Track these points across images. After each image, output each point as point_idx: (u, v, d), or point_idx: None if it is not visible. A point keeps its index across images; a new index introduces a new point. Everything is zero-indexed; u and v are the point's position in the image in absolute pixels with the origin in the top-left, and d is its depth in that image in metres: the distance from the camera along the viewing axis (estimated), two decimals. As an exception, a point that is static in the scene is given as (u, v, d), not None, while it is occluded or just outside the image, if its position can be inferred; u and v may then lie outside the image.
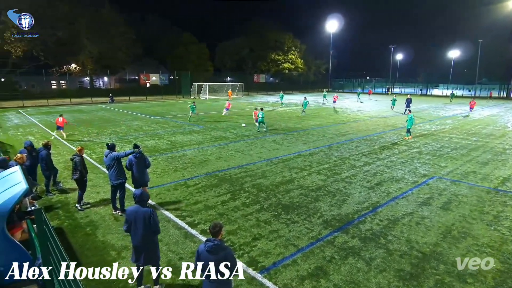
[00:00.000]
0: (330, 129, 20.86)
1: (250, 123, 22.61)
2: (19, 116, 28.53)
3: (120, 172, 8.03)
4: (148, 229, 5.14)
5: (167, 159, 13.41)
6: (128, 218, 5.21)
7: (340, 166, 12.23)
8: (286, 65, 74.80)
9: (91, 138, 18.02)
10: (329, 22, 71.75)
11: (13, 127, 22.32)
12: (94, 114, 29.62)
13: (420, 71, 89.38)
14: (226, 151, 14.71)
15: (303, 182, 10.40)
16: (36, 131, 20.65)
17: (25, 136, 18.76)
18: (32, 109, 35.05)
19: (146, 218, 5.12)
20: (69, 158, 13.59)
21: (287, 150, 14.88)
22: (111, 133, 19.46)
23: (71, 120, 25.27)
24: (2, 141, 16.92)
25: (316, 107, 35.62)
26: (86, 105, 39.44)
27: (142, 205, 5.23)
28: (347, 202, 8.85)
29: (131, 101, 44.76)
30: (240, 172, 11.45)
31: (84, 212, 8.30)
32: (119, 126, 22.16)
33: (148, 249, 5.19)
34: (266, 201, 8.87)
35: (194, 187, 10.03)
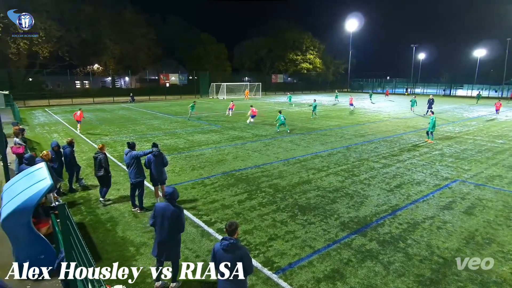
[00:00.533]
0: (349, 130, 20.56)
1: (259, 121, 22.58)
2: (45, 115, 29.66)
3: (139, 170, 8.20)
4: (174, 227, 5.23)
5: (185, 157, 13.59)
6: (156, 213, 5.30)
7: (359, 168, 12.03)
8: (305, 65, 74.30)
9: (112, 136, 18.50)
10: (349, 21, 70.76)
11: (39, 125, 23.22)
12: (115, 113, 30.40)
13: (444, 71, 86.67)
14: (243, 150, 14.76)
15: (320, 183, 10.30)
16: (61, 129, 21.40)
17: (50, 134, 19.48)
18: (57, 107, 36.37)
19: (174, 216, 5.20)
20: (91, 155, 14.02)
21: (304, 150, 14.77)
22: (131, 132, 19.92)
23: (93, 118, 26.04)
24: (30, 138, 17.63)
25: (333, 108, 35.18)
26: (108, 104, 40.53)
27: (172, 203, 5.31)
28: (365, 204, 8.69)
29: (151, 101, 45.66)
30: (256, 172, 11.45)
31: (105, 208, 8.53)
32: (139, 125, 22.65)
33: (170, 246, 5.30)
34: (282, 202, 8.84)
35: (211, 186, 10.12)
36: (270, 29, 75.30)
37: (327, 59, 78.57)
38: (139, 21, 54.26)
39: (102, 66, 52.85)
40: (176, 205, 5.33)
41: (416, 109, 31.59)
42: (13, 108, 27.43)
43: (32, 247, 5.67)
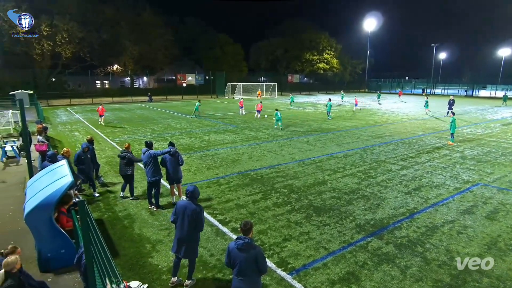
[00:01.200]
0: (366, 131, 20.25)
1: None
2: (67, 114, 30.60)
3: (156, 169, 8.34)
4: (193, 225, 5.31)
5: (201, 157, 13.72)
6: (177, 210, 5.41)
7: (376, 169, 11.83)
8: (321, 65, 73.59)
9: (130, 135, 18.89)
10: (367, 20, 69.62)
11: (61, 123, 23.97)
12: (133, 113, 31.04)
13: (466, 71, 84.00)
14: (258, 150, 14.78)
15: (336, 185, 10.19)
16: (81, 127, 22.02)
17: (71, 132, 20.08)
18: (78, 107, 37.46)
19: (193, 214, 5.29)
20: (110, 154, 14.35)
21: (320, 151, 14.65)
22: (149, 131, 20.28)
23: (112, 118, 26.68)
24: (52, 136, 18.22)
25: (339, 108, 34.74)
26: (126, 104, 41.42)
27: (192, 201, 5.40)
28: (382, 207, 8.54)
29: (168, 100, 46.35)
30: (271, 172, 11.44)
31: (123, 206, 8.72)
32: (156, 124, 23.03)
33: (189, 244, 5.38)
34: (297, 202, 8.80)
35: (226, 185, 10.18)
36: (287, 29, 75.03)
37: (344, 59, 77.56)
38: (157, 23, 55.19)
39: (121, 67, 54.03)
40: (197, 204, 5.41)
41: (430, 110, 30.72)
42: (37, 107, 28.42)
43: (54, 241, 5.87)
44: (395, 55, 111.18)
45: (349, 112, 30.99)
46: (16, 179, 11.09)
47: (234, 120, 25.14)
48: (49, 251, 5.87)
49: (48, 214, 5.74)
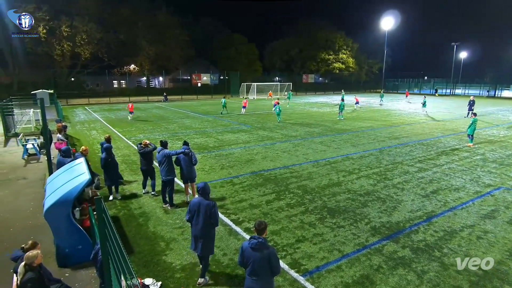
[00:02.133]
0: (382, 132, 19.92)
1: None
2: (85, 113, 31.39)
3: (170, 169, 8.45)
4: (208, 221, 5.41)
5: (215, 156, 13.82)
6: (191, 208, 5.50)
7: (392, 171, 11.63)
8: (337, 65, 72.87)
9: (146, 134, 19.20)
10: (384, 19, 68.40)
11: (79, 122, 24.61)
12: (149, 112, 31.55)
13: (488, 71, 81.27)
14: (272, 151, 14.77)
15: (351, 186, 10.08)
16: (99, 126, 22.54)
17: (89, 131, 20.58)
18: (96, 106, 38.36)
19: (207, 210, 5.39)
20: (126, 152, 14.64)
21: (334, 152, 14.52)
22: (164, 130, 20.56)
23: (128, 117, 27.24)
24: (71, 135, 18.73)
25: (368, 108, 34.23)
26: (142, 103, 42.14)
27: (205, 197, 5.50)
28: (398, 210, 8.38)
29: (183, 100, 46.89)
30: (285, 173, 11.42)
31: (138, 204, 8.87)
32: (171, 124, 23.34)
33: (205, 240, 5.47)
34: (311, 203, 8.75)
35: (240, 185, 10.21)
36: (302, 29, 74.62)
37: (361, 59, 76.52)
38: (173, 23, 55.98)
39: (138, 67, 55.09)
40: (209, 199, 5.51)
41: (426, 109, 30.80)
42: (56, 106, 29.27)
43: (71, 237, 6.03)
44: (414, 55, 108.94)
45: (365, 112, 30.58)
46: (37, 175, 11.45)
47: (248, 120, 25.20)
48: (67, 247, 6.04)
49: (67, 210, 5.89)
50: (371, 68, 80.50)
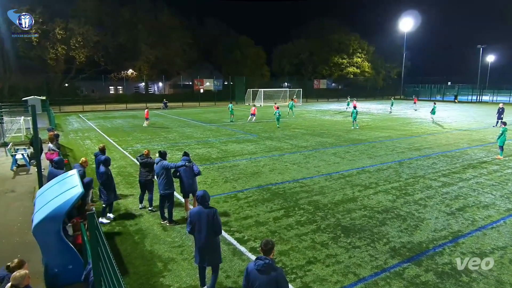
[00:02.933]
0: (401, 142, 19.79)
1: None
2: (79, 121, 31.82)
3: (168, 182, 8.45)
4: (211, 230, 5.56)
5: (218, 168, 13.82)
6: (192, 219, 5.66)
7: (413, 186, 11.50)
8: (351, 69, 73.13)
9: (143, 144, 19.34)
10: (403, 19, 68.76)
11: (73, 131, 24.93)
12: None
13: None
14: (280, 162, 14.74)
15: (368, 202, 9.98)
16: (93, 135, 22.79)
17: (83, 141, 20.81)
18: (90, 113, 38.89)
19: (209, 217, 5.54)
20: (122, 163, 14.74)
21: (349, 164, 14.44)
22: (163, 140, 20.70)
23: (125, 125, 27.50)
24: (63, 144, 18.96)
25: (386, 117, 34.11)
26: (140, 111, 42.55)
27: (204, 205, 5.66)
28: (421, 229, 8.25)
29: (184, 107, 47.31)
30: (295, 187, 11.36)
31: (134, 220, 8.88)
32: (171, 133, 23.50)
33: (211, 250, 5.59)
34: (323, 221, 8.66)
35: (245, 200, 10.18)
36: (313, 30, 75.32)
37: (377, 63, 76.69)
38: (175, 25, 56.99)
39: (136, 71, 55.93)
40: (209, 207, 5.66)
41: (434, 117, 30.86)
42: (49, 114, 29.75)
43: (61, 256, 6.03)
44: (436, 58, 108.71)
45: (383, 121, 30.46)
46: (26, 188, 11.57)
47: (254, 129, 25.27)
48: (56, 266, 6.04)
49: (57, 226, 5.92)
50: (389, 73, 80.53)
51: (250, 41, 70.23)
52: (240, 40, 69.10)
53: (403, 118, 32.72)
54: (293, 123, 28.54)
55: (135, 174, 12.92)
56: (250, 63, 68.50)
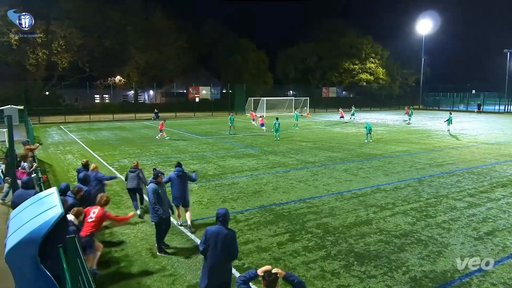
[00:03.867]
0: (421, 157, 19.77)
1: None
2: (60, 133, 31.98)
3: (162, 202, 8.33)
4: (227, 253, 5.70)
5: (215, 187, 13.79)
6: (208, 238, 5.74)
7: (435, 207, 11.43)
8: (364, 76, 73.67)
9: (131, 159, 19.34)
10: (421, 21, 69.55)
11: (53, 144, 25.02)
12: (136, 132, 31.99)
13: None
14: (285, 180, 14.70)
15: (384, 225, 9.91)
16: (76, 149, 22.85)
17: (64, 155, 20.85)
18: (73, 125, 39.11)
19: (227, 240, 5.67)
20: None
21: (362, 182, 14.40)
22: (154, 154, 20.73)
23: (112, 138, 27.60)
24: (42, 159, 18.99)
25: (401, 128, 34.16)
26: (129, 122, 42.84)
27: (225, 225, 5.80)
28: (444, 256, 8.16)
29: (178, 118, 47.56)
30: (301, 208, 11.32)
31: (119, 244, 8.81)
32: (162, 147, 23.55)
33: (223, 275, 5.71)
34: (334, 247, 8.59)
35: (245, 222, 10.13)
36: (321, 33, 76.17)
37: (393, 69, 77.27)
38: (169, 27, 57.75)
39: (125, 78, 56.48)
40: (229, 229, 5.83)
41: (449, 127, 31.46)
42: (26, 125, 29.90)
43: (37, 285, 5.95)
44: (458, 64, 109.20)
45: (400, 133, 30.49)
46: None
47: (256, 142, 25.31)
48: (30, 298, 5.95)
49: (33, 251, 5.86)
50: (406, 80, 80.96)
51: (251, 45, 71.02)
52: (241, 44, 69.85)
53: (423, 130, 32.76)
54: (299, 136, 28.60)
55: (121, 193, 12.91)
56: (251, 69, 69.10)
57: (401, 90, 79.70)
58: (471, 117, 49.75)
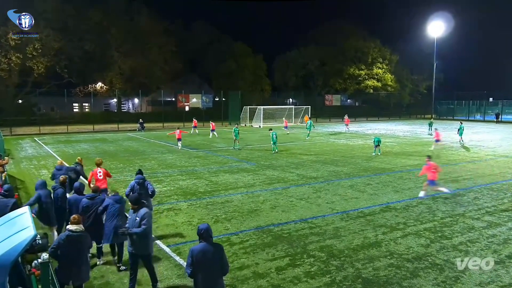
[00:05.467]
0: (435, 172, 19.80)
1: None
2: (34, 145, 31.85)
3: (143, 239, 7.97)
4: (217, 269, 5.91)
5: (206, 205, 13.73)
6: (195, 259, 5.82)
7: (451, 227, 11.43)
8: (370, 83, 74.34)
9: (113, 174, 19.26)
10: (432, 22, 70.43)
11: (26, 158, 24.92)
12: (119, 144, 31.92)
13: None
14: (284, 197, 14.68)
15: (395, 248, 9.89)
16: (51, 163, 22.72)
17: (38, 170, 20.77)
18: (49, 136, 39.00)
19: (216, 256, 5.87)
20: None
21: (370, 199, 14.40)
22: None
23: (92, 151, 27.51)
24: (13, 175, 18.88)
25: (411, 140, 34.30)
26: (111, 133, 42.76)
27: (209, 241, 5.95)
28: (462, 282, 8.13)
29: (165, 129, 47.55)
30: (303, 228, 11.29)
31: (100, 271, 8.72)
32: (148, 160, 23.50)
33: None
34: (339, 272, 8.55)
35: (240, 245, 10.07)
36: (323, 36, 76.98)
37: (402, 74, 78.04)
38: (156, 29, 58.23)
39: (107, 85, 56.58)
40: (215, 243, 6.06)
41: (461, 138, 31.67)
42: (-3, 137, 29.78)
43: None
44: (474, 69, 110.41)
45: (410, 145, 30.61)
46: (-36, 231, 11.40)
47: (251, 155, 25.31)
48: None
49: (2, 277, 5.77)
50: (417, 87, 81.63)
51: (247, 49, 71.62)
52: (235, 48, 70.45)
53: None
54: (299, 148, 28.64)
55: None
56: (247, 75, 69.56)
57: (411, 98, 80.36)
58: (489, 127, 50.09)
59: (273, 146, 26.41)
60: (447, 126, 48.49)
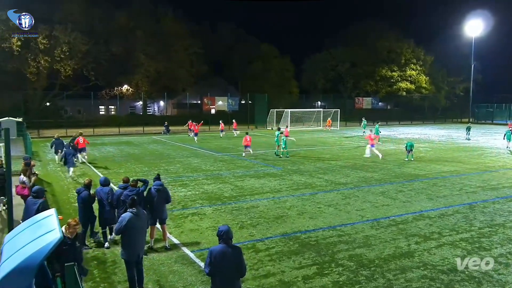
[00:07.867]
0: (472, 178, 19.32)
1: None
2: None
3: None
4: (234, 270, 6.11)
5: (231, 210, 13.80)
6: (213, 259, 6.05)
7: (489, 238, 11.12)
8: (403, 85, 73.08)
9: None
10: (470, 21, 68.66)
11: (53, 160, 25.66)
12: (144, 148, 32.48)
13: None
14: (312, 204, 14.61)
15: (428, 258, 9.69)
16: (77, 166, 23.32)
17: (65, 173, 21.33)
18: (75, 139, 40.00)
19: (234, 258, 6.08)
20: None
21: (403, 207, 14.17)
22: (163, 172, 20.91)
23: (117, 154, 28.10)
24: (40, 177, 19.45)
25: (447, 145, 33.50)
26: (136, 136, 43.58)
27: (228, 243, 6.16)
28: (502, 296, 7.88)
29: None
30: (331, 236, 11.21)
31: (123, 274, 8.86)
32: (173, 164, 23.82)
33: None
34: (369, 282, 8.45)
35: (266, 252, 10.08)
36: (353, 36, 76.31)
37: (437, 76, 76.41)
38: (182, 32, 59.13)
39: (133, 88, 57.76)
40: (234, 246, 6.28)
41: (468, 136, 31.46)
42: (25, 139, 30.78)
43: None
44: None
45: (446, 151, 29.92)
46: (-8, 232, 11.83)
47: (279, 160, 25.28)
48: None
49: (28, 280, 5.94)
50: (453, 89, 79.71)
51: (274, 50, 71.73)
52: (262, 49, 70.67)
53: (474, 148, 32.03)
54: (327, 153, 28.43)
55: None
56: (273, 78, 69.61)
57: (447, 101, 78.48)
58: None
59: (286, 150, 26.22)
60: (486, 131, 47.14)
